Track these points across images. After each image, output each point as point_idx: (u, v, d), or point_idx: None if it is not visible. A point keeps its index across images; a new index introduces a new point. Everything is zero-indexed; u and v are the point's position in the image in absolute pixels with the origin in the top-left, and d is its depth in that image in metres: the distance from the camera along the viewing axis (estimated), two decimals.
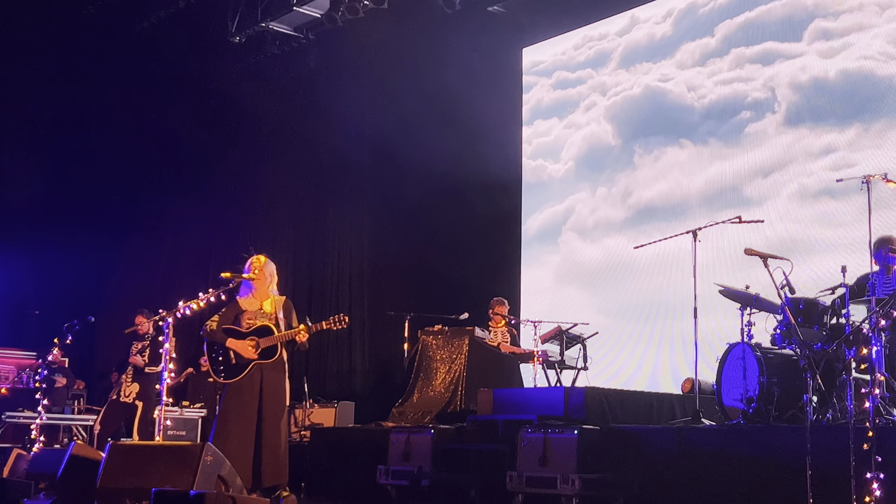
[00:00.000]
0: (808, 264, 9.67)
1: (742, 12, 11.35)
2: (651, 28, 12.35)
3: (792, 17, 10.84)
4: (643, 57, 12.35)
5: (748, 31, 11.26)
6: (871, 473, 5.56)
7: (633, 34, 12.54)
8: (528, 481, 7.39)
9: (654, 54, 12.23)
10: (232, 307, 7.48)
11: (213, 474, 5.96)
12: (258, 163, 14.23)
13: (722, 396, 7.63)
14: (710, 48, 11.61)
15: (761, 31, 11.12)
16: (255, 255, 7.60)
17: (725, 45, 11.45)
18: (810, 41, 10.63)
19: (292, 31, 13.46)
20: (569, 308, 11.83)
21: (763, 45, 11.08)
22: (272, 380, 7.37)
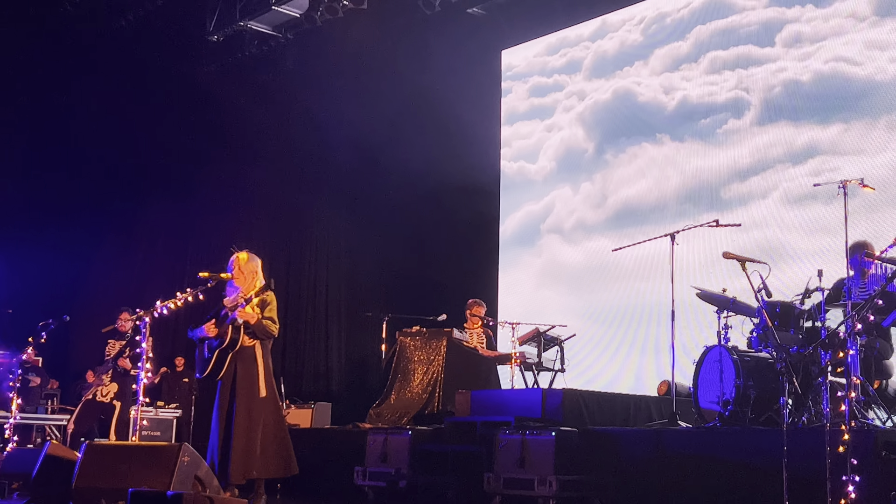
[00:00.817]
0: (785, 268, 9.73)
1: (714, 19, 11.45)
2: (628, 31, 12.40)
3: (764, 22, 10.94)
4: (621, 60, 12.41)
5: (722, 35, 11.36)
6: (847, 476, 5.60)
7: (610, 38, 12.60)
8: (506, 483, 7.40)
9: (631, 58, 12.29)
10: (216, 308, 7.38)
11: (190, 475, 5.93)
12: (236, 162, 14.16)
13: (698, 399, 7.66)
14: (684, 52, 11.68)
15: (734, 36, 11.22)
16: (238, 252, 7.48)
17: (698, 49, 11.53)
18: (784, 45, 10.73)
19: (271, 30, 13.40)
20: (546, 310, 11.86)
21: (737, 49, 11.17)
22: (242, 371, 7.20)
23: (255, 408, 7.15)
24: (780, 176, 10.44)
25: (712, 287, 8.19)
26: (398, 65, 13.23)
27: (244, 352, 7.22)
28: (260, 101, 14.13)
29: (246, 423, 7.08)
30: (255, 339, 7.24)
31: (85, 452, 6.13)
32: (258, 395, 7.18)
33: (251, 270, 7.42)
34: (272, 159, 14.25)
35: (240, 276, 7.35)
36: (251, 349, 7.26)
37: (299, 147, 14.16)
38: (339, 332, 14.04)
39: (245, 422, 7.08)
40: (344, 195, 14.16)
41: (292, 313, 14.01)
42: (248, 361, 7.24)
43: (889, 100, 9.71)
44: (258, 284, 7.40)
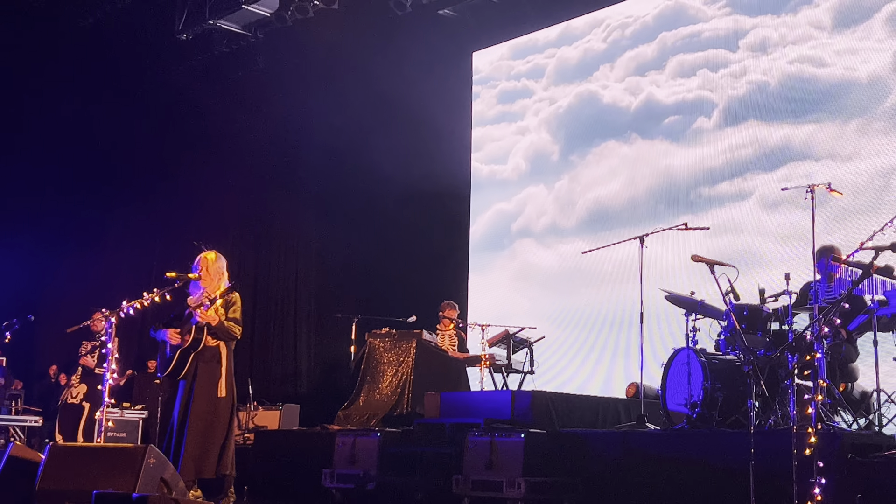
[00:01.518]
0: (754, 271, 9.80)
1: (679, 25, 11.54)
2: (598, 34, 12.46)
3: (729, 28, 11.04)
4: (589, 64, 12.46)
5: (688, 40, 11.45)
6: (813, 479, 5.63)
7: (579, 41, 12.65)
8: (475, 485, 7.39)
9: (599, 61, 12.35)
10: (182, 307, 7.31)
11: (155, 476, 5.87)
12: (204, 162, 14.06)
13: (666, 401, 7.69)
14: (650, 56, 11.75)
15: (698, 41, 11.33)
16: (205, 251, 7.40)
17: (664, 53, 11.61)
18: (750, 49, 10.83)
19: (241, 29, 13.31)
20: (516, 312, 11.87)
21: (704, 53, 11.27)
22: (203, 371, 7.13)
23: (214, 408, 7.10)
24: (750, 180, 10.51)
25: (682, 290, 8.23)
26: (369, 65, 13.19)
27: (207, 352, 7.16)
28: (229, 101, 14.03)
29: (204, 423, 7.03)
30: (218, 339, 7.18)
31: (49, 454, 6.05)
32: (217, 395, 7.12)
33: (217, 270, 7.34)
34: (242, 159, 14.17)
35: (206, 276, 7.28)
36: (215, 349, 7.21)
37: (269, 147, 14.08)
38: (308, 334, 13.97)
39: (202, 422, 7.02)
40: (314, 196, 14.10)
41: (261, 314, 13.93)
42: (212, 362, 7.18)
43: (856, 103, 9.80)
44: (223, 285, 7.30)
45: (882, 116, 9.57)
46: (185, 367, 7.09)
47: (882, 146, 9.49)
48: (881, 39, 9.75)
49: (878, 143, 9.53)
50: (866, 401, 7.40)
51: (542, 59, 13.07)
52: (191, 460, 6.94)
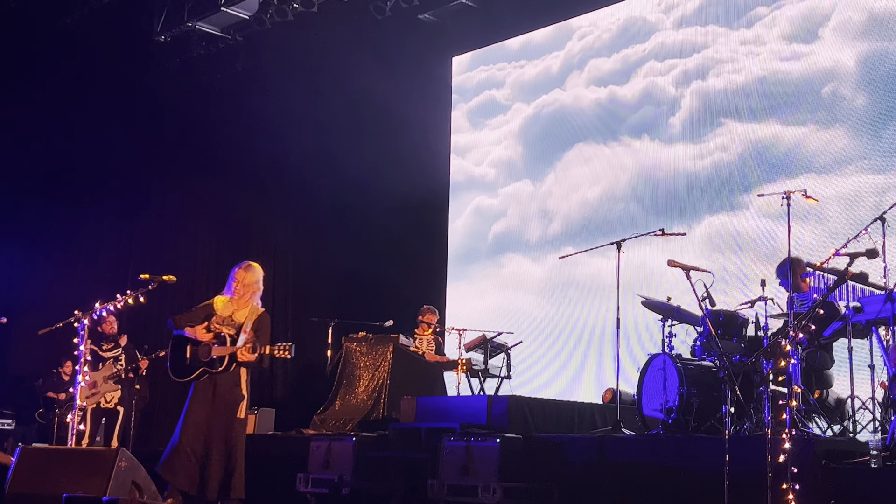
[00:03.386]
0: (729, 277, 9.84)
1: (650, 34, 11.62)
2: (577, 40, 12.49)
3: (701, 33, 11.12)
4: (566, 70, 12.48)
5: (658, 48, 11.53)
6: (787, 484, 5.65)
7: (563, 45, 12.67)
8: (450, 490, 7.37)
9: (576, 67, 12.37)
10: (205, 307, 7.22)
11: (127, 480, 5.82)
12: (182, 164, 13.96)
13: (642, 406, 7.71)
14: (633, 60, 11.80)
15: (669, 48, 11.41)
16: (248, 261, 7.31)
17: (646, 57, 11.66)
18: (718, 57, 10.91)
19: (219, 31, 13.25)
20: (493, 317, 11.86)
21: (674, 61, 11.35)
22: (224, 390, 7.09)
23: (236, 429, 7.14)
24: (727, 186, 10.55)
25: (659, 296, 8.25)
26: (348, 69, 13.16)
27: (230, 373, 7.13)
28: (208, 104, 13.96)
29: (227, 445, 7.07)
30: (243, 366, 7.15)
31: (19, 457, 6.00)
32: (235, 415, 7.14)
33: (248, 283, 7.24)
34: (219, 162, 14.08)
35: (239, 290, 7.20)
36: (237, 370, 7.18)
37: (247, 150, 14.00)
38: (285, 338, 13.86)
39: (225, 444, 7.06)
40: (292, 199, 14.04)
41: None
42: (232, 383, 7.13)
43: (817, 110, 9.88)
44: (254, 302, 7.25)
45: (846, 123, 9.64)
46: (195, 375, 7.01)
47: (851, 153, 9.55)
48: (836, 48, 9.86)
49: (848, 151, 9.59)
50: (841, 407, 7.43)
51: (520, 66, 13.08)
52: (217, 482, 6.94)
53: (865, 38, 9.75)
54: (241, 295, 7.20)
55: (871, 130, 9.48)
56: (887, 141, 9.31)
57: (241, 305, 7.21)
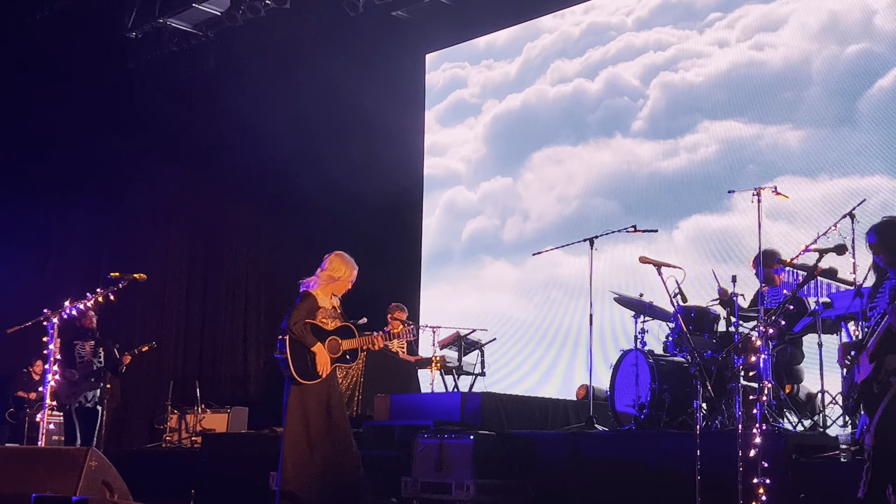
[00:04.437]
0: (701, 273, 9.89)
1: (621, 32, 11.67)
2: (549, 38, 12.51)
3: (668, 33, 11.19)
4: (538, 67, 12.50)
5: (626, 47, 11.59)
6: (758, 479, 5.69)
7: (535, 42, 12.69)
8: (424, 487, 7.37)
9: (547, 64, 12.39)
10: (309, 299, 6.90)
11: (97, 480, 5.77)
12: (154, 162, 13.87)
13: (615, 402, 7.74)
14: (600, 58, 11.84)
15: (635, 47, 11.48)
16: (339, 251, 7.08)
17: (613, 57, 11.71)
18: (688, 54, 10.98)
19: (191, 28, 13.17)
20: (468, 314, 11.86)
21: (643, 58, 11.41)
22: (337, 383, 6.90)
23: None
24: (700, 183, 10.61)
25: (632, 292, 8.28)
26: (321, 66, 13.12)
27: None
28: (180, 101, 13.88)
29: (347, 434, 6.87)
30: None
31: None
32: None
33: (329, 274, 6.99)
34: (192, 159, 14.01)
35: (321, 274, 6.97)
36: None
37: (220, 147, 13.94)
38: (258, 336, 13.85)
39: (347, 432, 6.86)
40: (266, 196, 13.98)
41: (210, 316, 13.80)
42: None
43: (785, 107, 9.95)
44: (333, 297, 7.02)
45: (812, 124, 9.73)
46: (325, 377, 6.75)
47: (821, 147, 9.64)
48: (798, 46, 9.96)
49: (817, 146, 9.67)
50: (811, 402, 7.50)
51: (491, 64, 13.09)
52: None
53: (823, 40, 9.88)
54: (332, 284, 6.96)
55: (835, 131, 9.56)
56: (855, 141, 9.40)
57: (328, 293, 6.98)
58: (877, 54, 9.46)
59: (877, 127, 9.27)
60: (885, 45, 9.43)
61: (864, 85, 9.48)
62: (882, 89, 9.33)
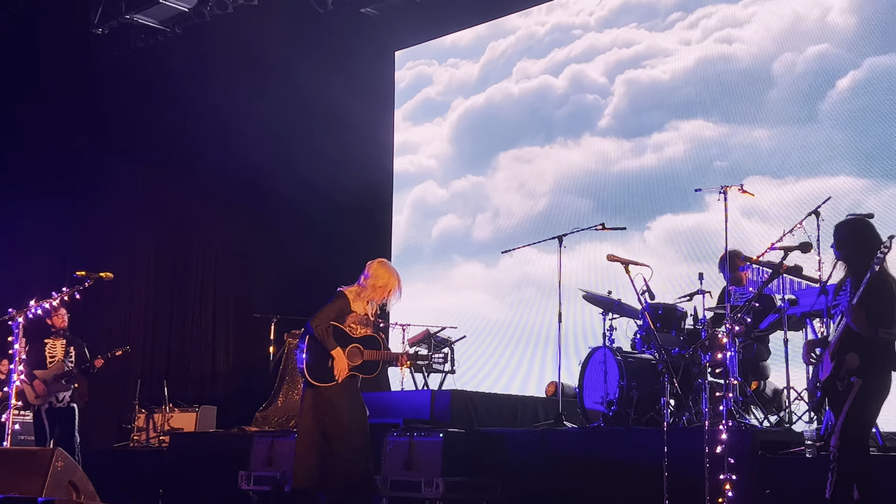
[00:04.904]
0: (668, 271, 9.96)
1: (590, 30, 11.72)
2: (522, 33, 12.54)
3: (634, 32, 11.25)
4: (508, 63, 12.52)
5: (591, 45, 11.66)
6: (724, 475, 5.74)
7: (501, 40, 12.71)
8: (393, 485, 7.38)
9: (520, 57, 12.41)
10: (341, 300, 6.67)
11: (63, 480, 5.71)
12: (120, 159, 13.73)
13: (584, 399, 7.77)
14: (565, 57, 11.89)
15: (602, 45, 11.54)
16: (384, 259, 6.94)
17: (578, 56, 11.76)
18: (654, 52, 11.06)
19: (158, 24, 13.05)
20: (438, 311, 11.86)
21: (609, 55, 11.48)
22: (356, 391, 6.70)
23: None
24: (668, 181, 10.67)
25: (602, 291, 8.32)
26: (290, 63, 13.05)
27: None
28: (147, 98, 13.77)
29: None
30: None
31: None
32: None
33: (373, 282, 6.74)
34: (159, 157, 13.89)
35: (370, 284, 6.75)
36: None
37: (188, 145, 13.83)
38: (227, 334, 13.77)
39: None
40: (235, 193, 13.88)
41: (178, 314, 13.70)
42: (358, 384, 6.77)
43: (763, 106, 10.04)
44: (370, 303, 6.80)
45: (777, 123, 9.83)
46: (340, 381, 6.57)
47: (788, 147, 9.73)
48: (763, 45, 10.07)
49: (785, 145, 9.76)
50: (777, 398, 7.57)
51: (460, 62, 13.10)
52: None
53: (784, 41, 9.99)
54: (370, 290, 6.73)
55: (800, 130, 9.66)
56: (820, 140, 9.51)
57: (367, 300, 6.76)
58: (837, 55, 9.59)
59: (842, 126, 9.37)
60: (843, 46, 9.55)
61: (826, 85, 9.59)
62: (842, 89, 9.44)
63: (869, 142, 9.15)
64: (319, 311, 6.59)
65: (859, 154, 9.17)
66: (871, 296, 5.03)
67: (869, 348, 5.03)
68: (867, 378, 5.02)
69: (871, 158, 9.08)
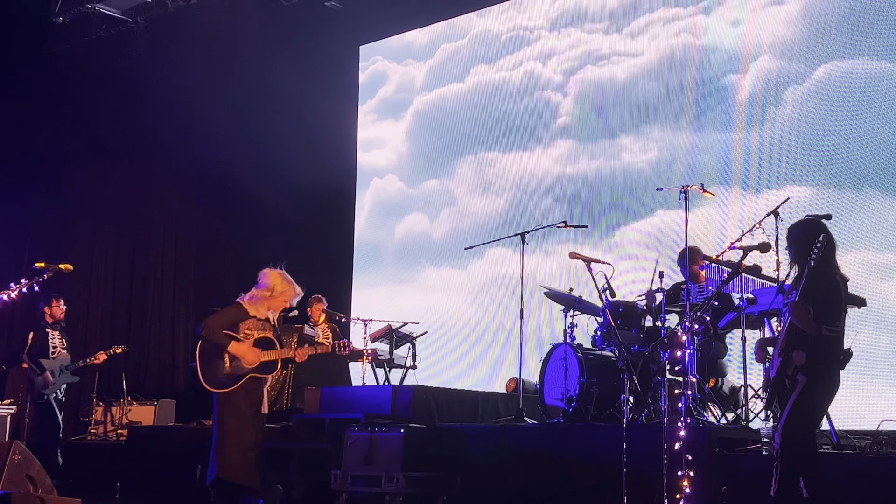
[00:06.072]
0: (629, 269, 10.04)
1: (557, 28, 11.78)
2: (482, 31, 12.57)
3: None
4: (477, 59, 12.56)
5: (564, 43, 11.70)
6: (682, 471, 5.81)
7: (460, 40, 12.74)
8: (353, 480, 7.39)
9: (486, 57, 12.45)
10: (236, 308, 6.82)
11: (21, 473, 5.67)
12: (80, 149, 13.58)
13: (544, 395, 7.82)
14: (521, 57, 11.94)
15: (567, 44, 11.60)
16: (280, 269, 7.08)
17: (545, 54, 11.81)
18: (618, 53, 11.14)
19: (120, 14, 12.92)
20: (400, 307, 11.87)
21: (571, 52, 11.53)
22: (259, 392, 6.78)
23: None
24: (629, 181, 10.76)
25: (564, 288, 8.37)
26: (253, 56, 12.99)
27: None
28: (108, 88, 13.60)
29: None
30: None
31: None
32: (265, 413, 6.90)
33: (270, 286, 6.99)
34: (120, 148, 13.74)
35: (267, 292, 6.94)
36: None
37: (148, 136, 13.69)
38: (186, 327, 13.67)
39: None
40: (196, 186, 13.78)
41: (136, 306, 13.58)
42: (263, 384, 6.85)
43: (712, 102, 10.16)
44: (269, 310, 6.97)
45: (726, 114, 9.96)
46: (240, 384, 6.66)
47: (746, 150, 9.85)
48: (724, 47, 10.17)
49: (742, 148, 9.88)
50: (734, 396, 7.66)
51: (426, 56, 13.10)
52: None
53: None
54: (270, 299, 6.93)
55: (757, 133, 9.79)
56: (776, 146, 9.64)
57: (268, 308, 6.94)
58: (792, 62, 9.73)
59: (796, 132, 9.51)
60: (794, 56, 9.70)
61: (779, 91, 9.73)
62: (797, 96, 9.58)
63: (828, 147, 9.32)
64: (209, 318, 6.74)
65: (819, 159, 9.32)
66: (815, 292, 5.09)
67: (814, 345, 5.08)
68: (811, 375, 5.07)
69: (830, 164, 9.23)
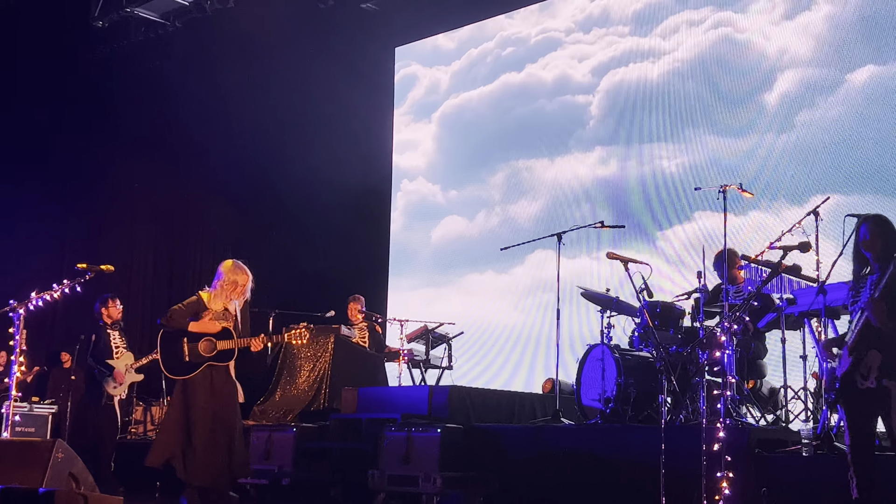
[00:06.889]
0: (668, 269, 9.99)
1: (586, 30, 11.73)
2: (522, 32, 12.56)
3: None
4: (503, 65, 12.54)
5: (589, 46, 11.68)
6: (721, 472, 5.77)
7: (506, 37, 12.73)
8: (390, 480, 7.40)
9: (521, 60, 12.44)
10: (195, 301, 6.96)
11: (64, 471, 5.75)
12: (120, 153, 13.75)
13: (581, 396, 7.79)
14: (557, 60, 11.90)
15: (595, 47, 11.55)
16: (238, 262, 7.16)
17: (575, 57, 11.77)
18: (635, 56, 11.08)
19: (159, 17, 13.07)
20: (436, 307, 11.89)
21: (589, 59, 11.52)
22: (221, 381, 6.90)
23: (238, 415, 7.00)
24: (664, 180, 10.70)
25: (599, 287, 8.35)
26: (290, 58, 13.07)
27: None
28: (147, 91, 13.77)
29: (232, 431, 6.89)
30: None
31: None
32: (237, 401, 7.01)
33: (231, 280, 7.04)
34: (158, 150, 13.90)
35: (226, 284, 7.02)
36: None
37: (187, 138, 13.83)
38: None
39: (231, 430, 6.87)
40: (233, 188, 13.89)
41: None
42: (227, 372, 6.95)
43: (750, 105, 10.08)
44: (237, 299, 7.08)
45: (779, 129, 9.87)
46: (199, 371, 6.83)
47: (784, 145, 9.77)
48: (762, 52, 10.09)
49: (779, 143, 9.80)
50: (774, 397, 7.59)
51: (467, 56, 13.09)
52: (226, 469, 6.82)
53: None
54: (228, 291, 7.02)
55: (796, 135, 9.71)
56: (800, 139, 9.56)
57: (229, 300, 7.04)
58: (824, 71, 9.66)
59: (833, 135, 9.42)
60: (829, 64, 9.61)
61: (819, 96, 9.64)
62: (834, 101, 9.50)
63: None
64: (171, 308, 6.92)
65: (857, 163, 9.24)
66: (894, 290, 5.01)
67: (890, 344, 4.99)
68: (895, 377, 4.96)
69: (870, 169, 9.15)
